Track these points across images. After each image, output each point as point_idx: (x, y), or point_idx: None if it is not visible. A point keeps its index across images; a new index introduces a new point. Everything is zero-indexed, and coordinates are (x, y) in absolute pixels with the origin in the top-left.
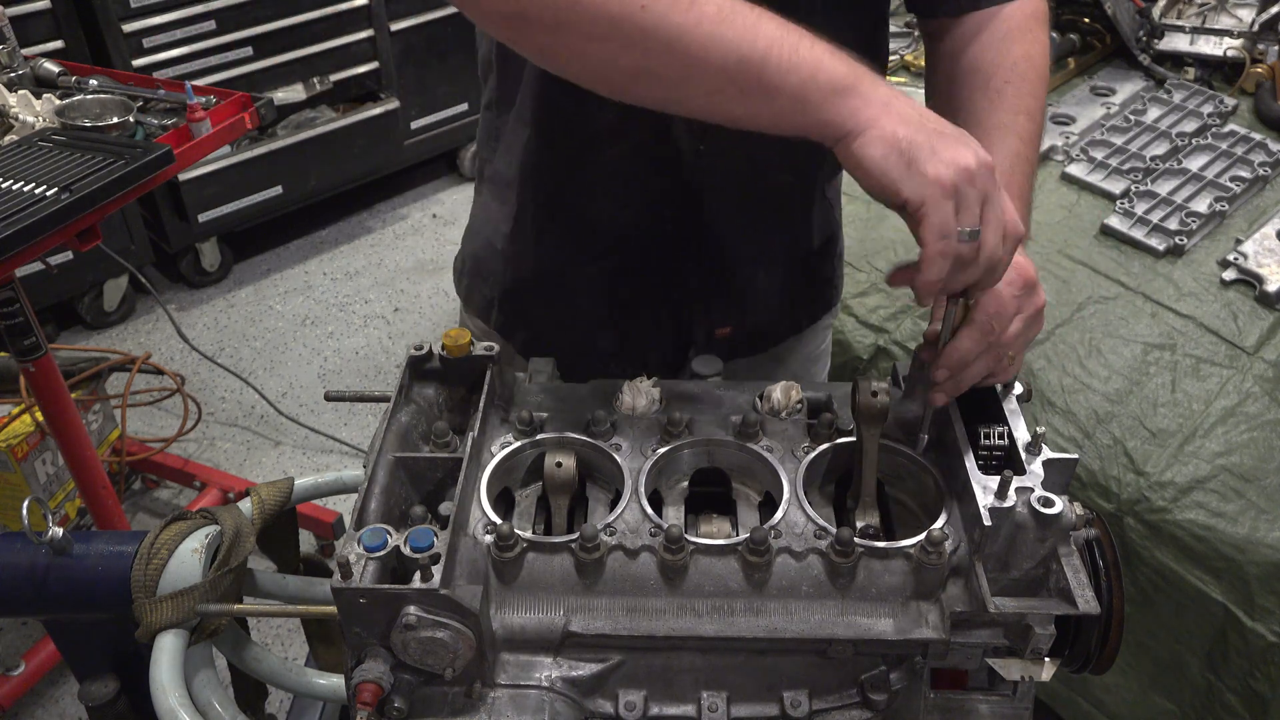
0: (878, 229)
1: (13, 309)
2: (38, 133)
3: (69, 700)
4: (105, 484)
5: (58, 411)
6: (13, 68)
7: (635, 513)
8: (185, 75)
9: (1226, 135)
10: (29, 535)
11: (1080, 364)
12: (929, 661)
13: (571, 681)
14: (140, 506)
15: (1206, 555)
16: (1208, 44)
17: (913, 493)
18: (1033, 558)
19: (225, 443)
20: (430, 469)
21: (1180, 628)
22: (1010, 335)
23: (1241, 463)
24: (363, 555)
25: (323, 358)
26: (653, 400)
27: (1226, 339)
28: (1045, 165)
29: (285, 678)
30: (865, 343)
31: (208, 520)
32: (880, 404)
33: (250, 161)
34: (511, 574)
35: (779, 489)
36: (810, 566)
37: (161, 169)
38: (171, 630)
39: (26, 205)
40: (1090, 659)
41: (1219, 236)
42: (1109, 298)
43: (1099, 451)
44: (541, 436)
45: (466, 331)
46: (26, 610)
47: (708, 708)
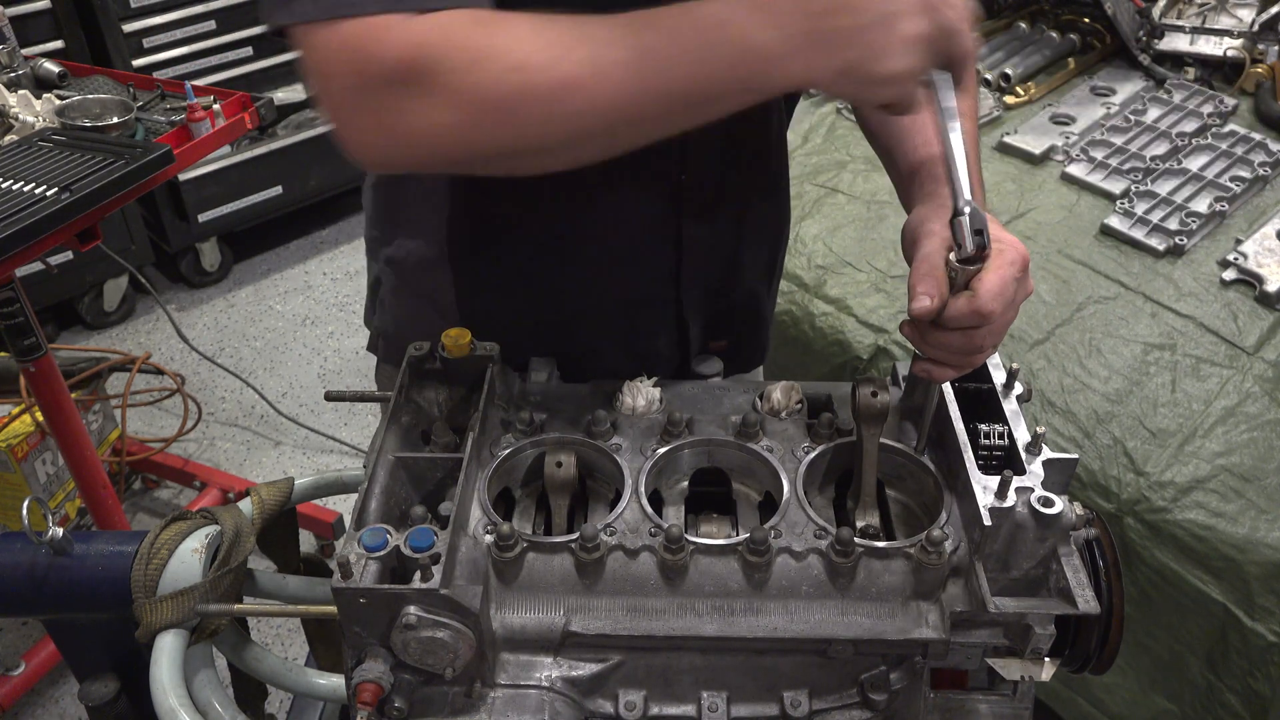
0: (878, 229)
1: (13, 309)
2: (38, 133)
3: (69, 700)
4: (105, 484)
5: (58, 411)
6: (13, 68)
7: (635, 513)
8: (185, 75)
9: (1226, 135)
10: (29, 535)
11: (1080, 364)
12: (929, 661)
13: (571, 681)
14: (140, 506)
15: (1206, 555)
16: (1208, 44)
17: (913, 493)
18: (1033, 558)
19: (225, 443)
20: (430, 469)
21: (1180, 628)
22: (1001, 323)
23: (1241, 463)
24: (363, 555)
25: (323, 358)
26: (653, 400)
27: (1226, 339)
28: (1045, 165)
29: (285, 678)
30: (865, 343)
31: (208, 520)
32: (880, 404)
33: (250, 161)
34: (511, 574)
35: (779, 489)
36: (810, 566)
37: (161, 169)
38: (171, 630)
39: (26, 205)
40: (1090, 659)
41: (1219, 236)
42: (1109, 298)
43: (1099, 451)
44: (541, 436)
45: (466, 332)
46: (26, 610)
47: (708, 708)
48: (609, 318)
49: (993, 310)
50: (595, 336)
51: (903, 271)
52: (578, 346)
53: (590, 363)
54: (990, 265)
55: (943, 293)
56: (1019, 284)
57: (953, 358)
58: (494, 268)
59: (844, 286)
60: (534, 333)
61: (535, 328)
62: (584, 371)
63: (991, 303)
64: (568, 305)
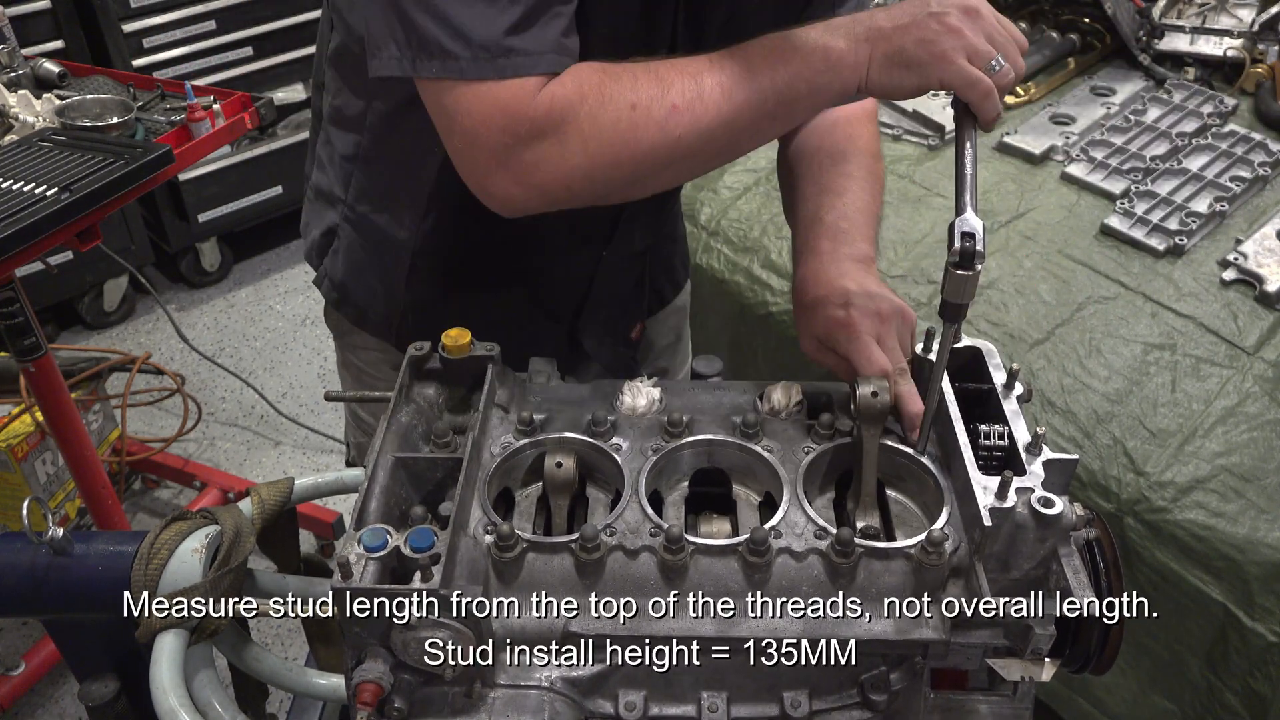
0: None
1: (13, 309)
2: (38, 133)
3: (69, 700)
4: (105, 484)
5: (58, 411)
6: (13, 68)
7: (635, 513)
8: (185, 75)
9: (1226, 135)
10: (29, 535)
11: (1080, 364)
12: (929, 662)
13: (571, 681)
14: (140, 506)
15: (1206, 555)
16: (1208, 44)
17: (913, 493)
18: (1033, 558)
19: (225, 443)
20: (430, 469)
21: (1180, 628)
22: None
23: (1241, 463)
24: (363, 555)
25: (323, 358)
26: (653, 400)
27: (1226, 339)
28: (1045, 165)
29: (285, 678)
30: None
31: (208, 520)
32: (880, 404)
33: (250, 161)
34: (511, 574)
35: (779, 489)
36: (810, 566)
37: (161, 169)
38: (171, 630)
39: (26, 205)
40: (1090, 659)
41: (1219, 236)
42: (1109, 298)
43: (1099, 451)
44: (541, 436)
45: (466, 332)
46: (26, 610)
47: (708, 708)
48: (514, 324)
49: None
50: (498, 339)
51: (903, 272)
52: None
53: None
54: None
55: None
56: (884, 343)
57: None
58: (446, 267)
59: None
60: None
61: (453, 323)
62: None
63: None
64: (487, 308)
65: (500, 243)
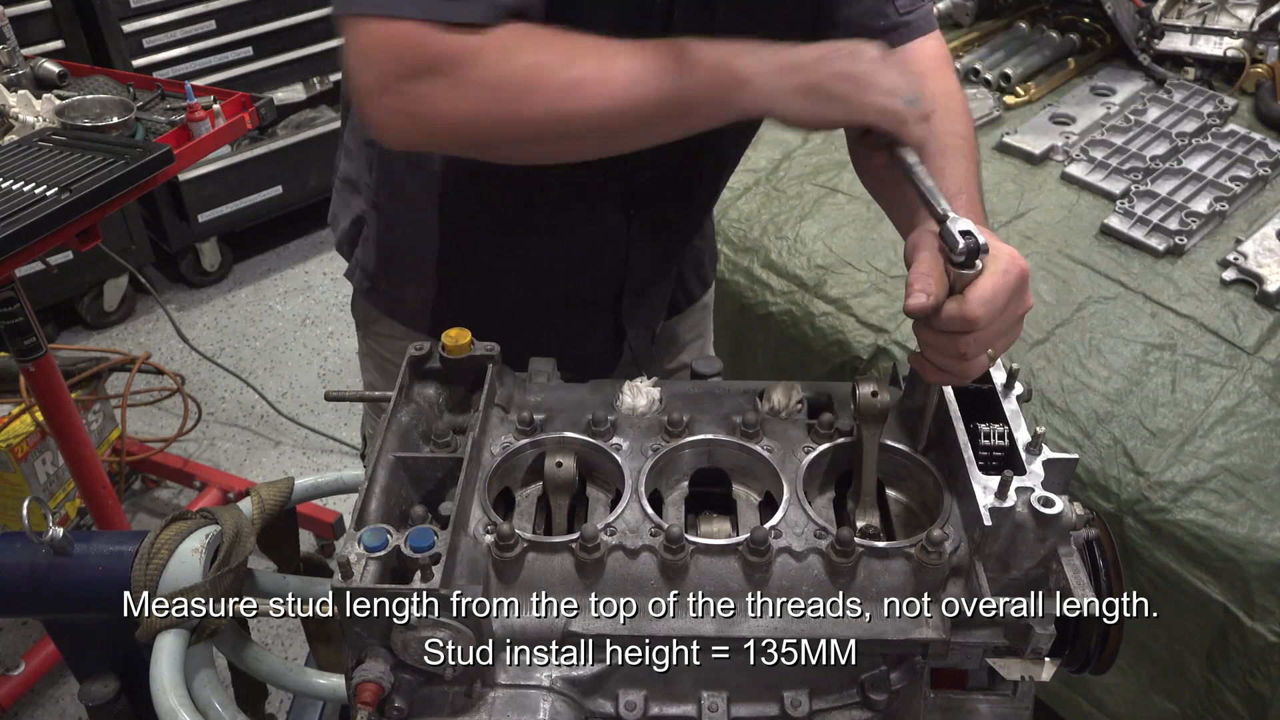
0: (877, 229)
1: (13, 309)
2: (38, 133)
3: (69, 700)
4: (105, 484)
5: (58, 411)
6: (13, 68)
7: (635, 513)
8: (185, 75)
9: (1226, 135)
10: (29, 535)
11: (1080, 364)
12: (929, 661)
13: (571, 681)
14: (140, 506)
15: (1206, 555)
16: (1208, 44)
17: (913, 493)
18: (1033, 558)
19: (225, 443)
20: (430, 469)
21: (1180, 628)
22: (990, 332)
23: (1241, 463)
24: (363, 555)
25: (323, 358)
26: (653, 400)
27: (1226, 339)
28: (1045, 165)
29: (285, 678)
30: (865, 343)
31: (208, 520)
32: (880, 404)
33: (250, 161)
34: (512, 574)
35: (779, 489)
36: (810, 566)
37: (161, 169)
38: (172, 630)
39: (26, 205)
40: (1090, 659)
41: (1219, 236)
42: (1109, 298)
43: (1099, 451)
44: (541, 436)
45: (466, 331)
46: (26, 610)
47: (708, 708)
48: (556, 313)
49: (978, 316)
50: (539, 331)
51: (903, 272)
52: (520, 339)
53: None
54: (985, 273)
55: (939, 292)
56: (1014, 295)
57: (943, 360)
58: (474, 248)
59: (844, 286)
60: (490, 316)
61: (492, 313)
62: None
63: (979, 308)
64: (523, 295)
65: (521, 220)
